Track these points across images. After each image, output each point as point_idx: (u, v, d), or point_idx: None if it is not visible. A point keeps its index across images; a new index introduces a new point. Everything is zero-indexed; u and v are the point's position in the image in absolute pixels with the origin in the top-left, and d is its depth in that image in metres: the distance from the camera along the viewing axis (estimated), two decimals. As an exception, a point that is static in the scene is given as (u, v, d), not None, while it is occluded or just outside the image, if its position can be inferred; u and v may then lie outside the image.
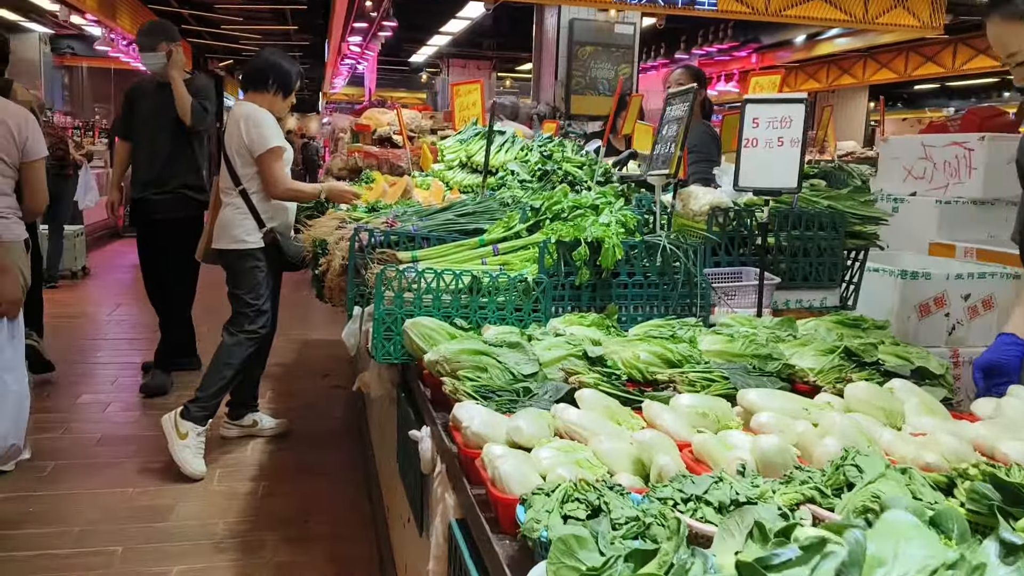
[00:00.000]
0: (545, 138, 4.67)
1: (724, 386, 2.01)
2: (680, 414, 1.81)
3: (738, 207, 2.93)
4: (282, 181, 4.36)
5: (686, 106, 2.69)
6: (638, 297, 2.67)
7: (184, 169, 5.47)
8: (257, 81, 4.45)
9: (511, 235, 2.83)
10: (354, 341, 2.68)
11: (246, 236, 4.37)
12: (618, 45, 12.27)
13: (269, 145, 4.25)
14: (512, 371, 2.09)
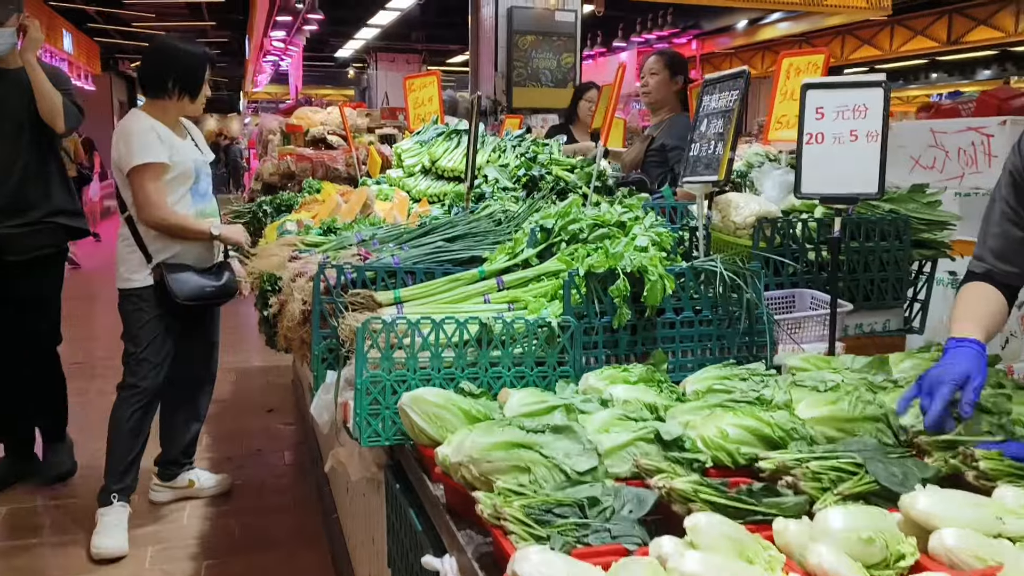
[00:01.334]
0: (515, 136, 4.07)
1: (864, 481, 1.45)
2: (834, 543, 1.25)
3: (790, 217, 2.39)
4: (155, 206, 3.57)
5: (735, 95, 2.14)
6: (687, 338, 2.10)
7: (49, 189, 4.02)
8: (154, 86, 3.67)
9: (518, 263, 2.24)
10: (328, 417, 2.05)
11: (130, 274, 3.66)
12: (559, 33, 11.72)
13: (135, 162, 3.52)
14: (564, 469, 1.51)
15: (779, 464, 1.52)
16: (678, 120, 4.38)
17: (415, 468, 1.82)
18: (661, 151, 4.28)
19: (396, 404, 1.86)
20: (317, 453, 4.42)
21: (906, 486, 1.44)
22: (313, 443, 4.59)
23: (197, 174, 3.77)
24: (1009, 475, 1.50)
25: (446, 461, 1.56)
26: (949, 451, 1.61)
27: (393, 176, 4.03)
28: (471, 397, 1.86)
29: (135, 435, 3.65)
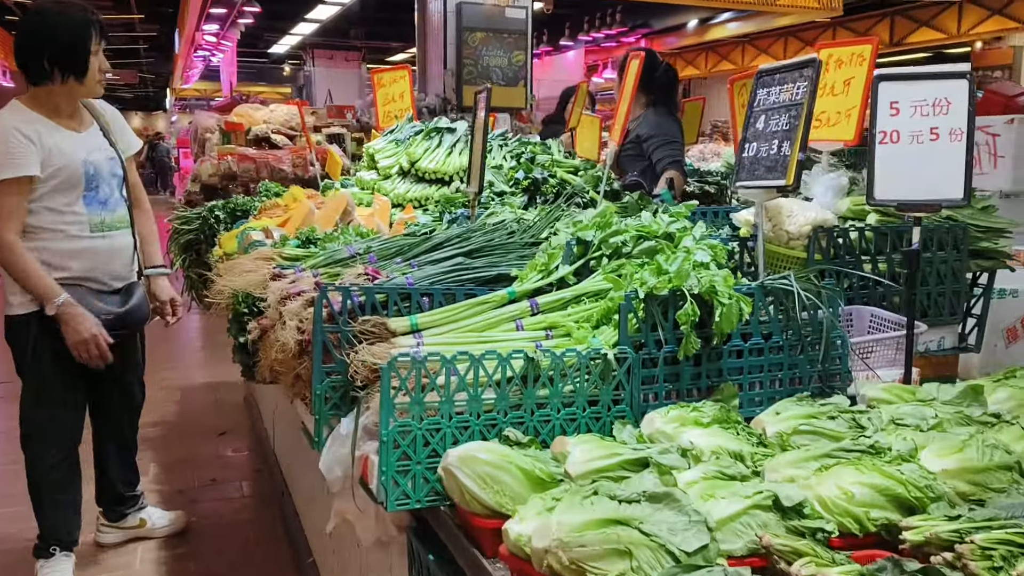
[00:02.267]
0: (498, 135, 3.76)
1: (1045, 556, 1.18)
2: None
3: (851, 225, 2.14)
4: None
5: (803, 87, 1.86)
6: (755, 368, 1.82)
7: None
8: (32, 70, 2.96)
9: (552, 283, 1.92)
10: (341, 473, 1.69)
11: (10, 297, 3.03)
12: (510, 31, 11.41)
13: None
14: (672, 550, 1.20)
15: (931, 536, 1.24)
16: (657, 110, 4.27)
17: (458, 538, 1.48)
18: (637, 142, 4.13)
19: (427, 458, 1.54)
20: (282, 482, 4.02)
21: None
22: (276, 471, 4.19)
23: (91, 177, 3.05)
24: None
25: (523, 543, 1.24)
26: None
27: (366, 178, 3.67)
28: (519, 447, 1.54)
29: (44, 477, 3.16)
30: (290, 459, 3.79)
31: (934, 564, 1.20)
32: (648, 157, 4.17)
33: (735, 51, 17.43)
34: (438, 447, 1.53)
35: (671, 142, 4.18)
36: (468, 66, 11.13)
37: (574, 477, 1.44)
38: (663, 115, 4.27)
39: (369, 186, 3.59)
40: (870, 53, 2.34)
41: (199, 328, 8.06)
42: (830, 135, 2.42)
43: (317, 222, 2.97)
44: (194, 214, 4.36)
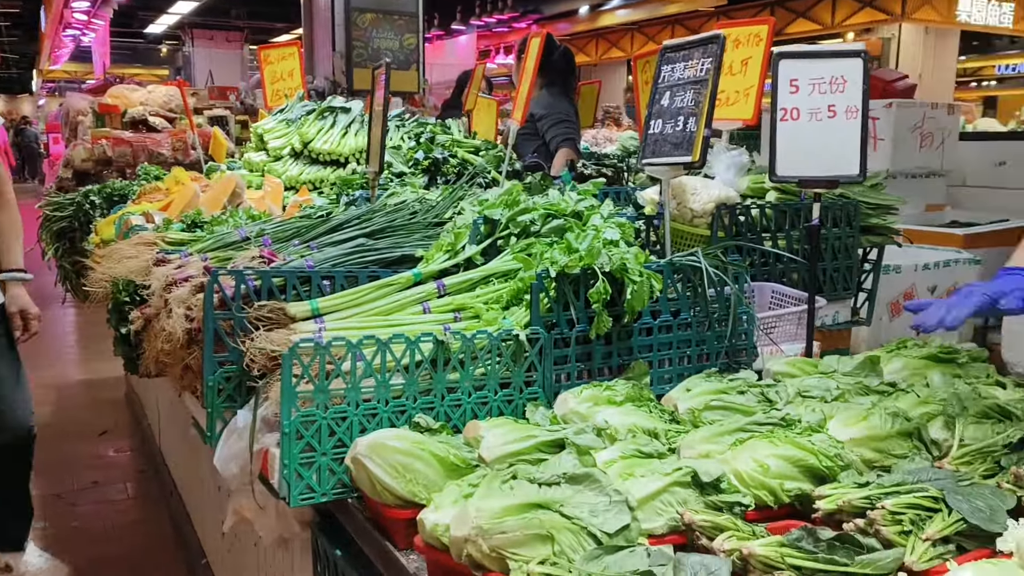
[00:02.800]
0: (396, 115, 3.65)
1: (952, 520, 1.21)
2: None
3: (753, 202, 2.16)
4: None
5: (707, 63, 1.86)
6: (665, 346, 1.81)
7: None
8: None
9: (459, 263, 1.86)
10: (238, 469, 1.58)
11: None
12: (400, 12, 11.22)
13: None
14: (593, 532, 1.16)
15: (845, 503, 1.25)
16: (551, 90, 4.28)
17: (368, 532, 1.41)
18: (531, 121, 4.12)
19: (333, 449, 1.45)
20: (170, 482, 3.81)
21: (996, 521, 1.22)
22: (163, 470, 3.97)
23: None
24: None
25: (439, 533, 1.18)
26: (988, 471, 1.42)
27: (255, 160, 3.49)
28: (430, 433, 1.48)
29: None
30: (178, 457, 3.60)
31: (847, 531, 1.21)
32: (542, 136, 4.18)
33: (624, 38, 17.71)
34: (344, 437, 1.45)
35: (564, 120, 4.20)
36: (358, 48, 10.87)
37: (489, 462, 1.39)
38: (556, 95, 4.29)
39: (259, 168, 3.42)
40: (766, 33, 2.37)
41: (75, 321, 7.59)
42: (730, 114, 2.45)
43: (203, 205, 2.80)
44: (67, 200, 4.07)
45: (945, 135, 4.04)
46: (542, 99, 4.23)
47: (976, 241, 3.52)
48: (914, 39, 13.69)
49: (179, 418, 3.11)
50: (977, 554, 1.17)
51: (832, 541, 1.15)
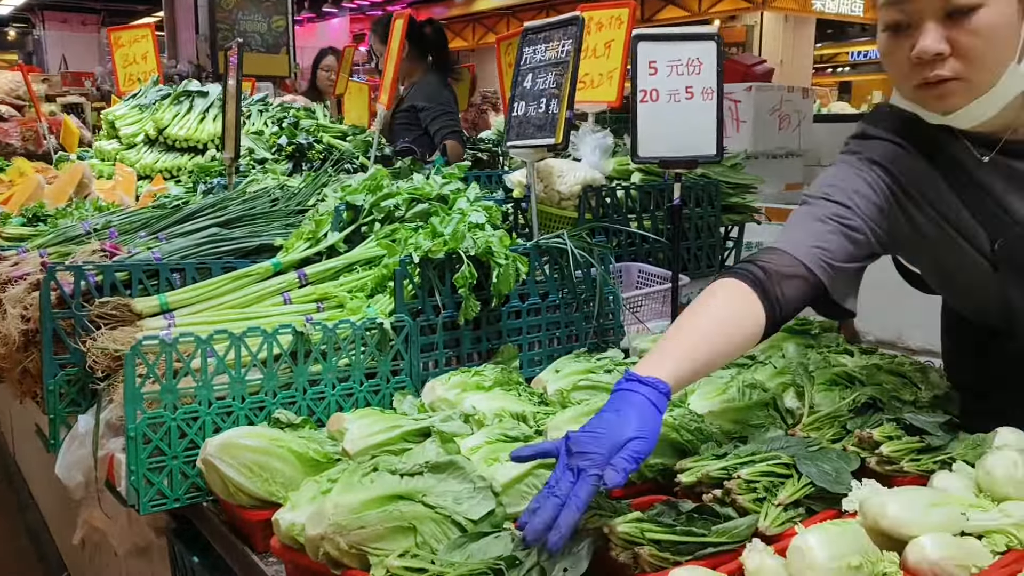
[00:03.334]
0: (257, 100, 3.51)
1: (801, 485, 1.25)
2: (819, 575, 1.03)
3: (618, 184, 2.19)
4: None
5: (567, 45, 1.86)
6: (534, 328, 1.81)
7: None
8: None
9: (322, 251, 1.79)
10: (83, 478, 1.48)
11: None
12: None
13: None
14: (458, 520, 1.14)
15: (703, 475, 1.28)
16: (429, 79, 4.20)
17: (225, 536, 1.34)
18: (412, 111, 4.05)
19: (184, 452, 1.37)
20: (25, 492, 3.56)
21: (841, 483, 1.27)
22: (17, 479, 3.70)
23: None
24: (909, 452, 1.39)
25: (296, 532, 1.13)
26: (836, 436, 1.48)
27: (107, 148, 3.29)
28: (291, 429, 1.42)
29: None
30: (32, 465, 3.36)
31: (706, 502, 1.24)
32: (424, 127, 4.10)
33: (500, 23, 17.75)
34: (197, 438, 1.37)
35: (447, 112, 4.13)
36: (223, 31, 10.45)
37: (353, 455, 1.35)
38: (437, 85, 4.22)
39: (110, 157, 3.22)
40: (627, 16, 2.40)
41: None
42: (594, 96, 2.47)
43: (47, 197, 2.60)
44: None
45: (801, 117, 4.24)
46: (423, 88, 4.15)
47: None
48: (775, 26, 14.34)
49: (28, 424, 2.90)
50: (824, 515, 1.22)
51: (691, 513, 1.18)
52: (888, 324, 3.07)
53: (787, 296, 1.32)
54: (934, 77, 1.22)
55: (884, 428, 1.41)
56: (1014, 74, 1.21)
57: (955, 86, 1.22)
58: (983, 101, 1.24)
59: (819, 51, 19.34)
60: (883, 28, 1.27)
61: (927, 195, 1.40)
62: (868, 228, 1.38)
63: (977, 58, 1.20)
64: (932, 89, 1.24)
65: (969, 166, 1.35)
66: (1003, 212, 1.35)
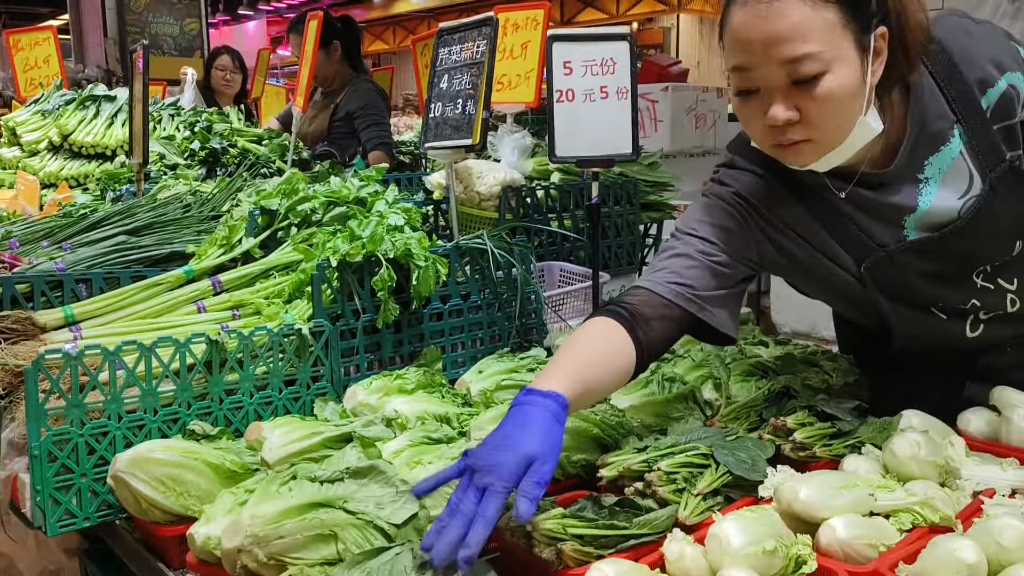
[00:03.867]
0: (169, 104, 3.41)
1: (719, 474, 1.28)
2: (742, 563, 1.05)
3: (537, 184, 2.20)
4: None
5: (482, 46, 1.86)
6: (456, 330, 1.81)
7: None
8: None
9: (236, 257, 1.75)
10: (-17, 502, 1.40)
11: None
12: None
13: None
14: (380, 525, 1.13)
15: (624, 469, 1.29)
16: (360, 84, 4.06)
17: (139, 553, 1.30)
18: (348, 119, 3.91)
19: (94, 468, 1.32)
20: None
21: (756, 470, 1.30)
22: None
23: None
24: (821, 438, 1.43)
25: (212, 546, 1.10)
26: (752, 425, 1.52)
27: (7, 156, 3.14)
28: (207, 440, 1.38)
29: None
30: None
31: (628, 495, 1.26)
32: (357, 133, 3.95)
33: (421, 25, 17.65)
34: (107, 454, 1.32)
35: (380, 123, 3.98)
36: (133, 34, 10.15)
37: (272, 464, 1.32)
38: (370, 90, 4.05)
39: (11, 165, 3.08)
40: (543, 17, 2.41)
41: None
42: (512, 97, 2.48)
43: (-58, 208, 2.47)
44: None
45: (716, 117, 4.34)
46: (357, 93, 3.96)
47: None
48: (691, 28, 14.66)
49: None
50: (742, 502, 1.24)
51: (613, 507, 1.20)
52: (803, 316, 3.18)
53: (651, 337, 1.34)
54: (787, 140, 1.25)
55: (797, 416, 1.45)
56: (862, 125, 1.25)
57: (807, 147, 1.26)
58: (836, 153, 1.27)
59: (734, 52, 19.83)
60: (735, 92, 1.29)
61: (792, 223, 1.43)
62: (734, 261, 1.42)
63: (824, 122, 1.23)
64: (786, 150, 1.27)
65: (830, 198, 1.40)
66: (866, 237, 1.40)
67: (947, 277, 1.42)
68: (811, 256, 1.45)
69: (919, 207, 1.37)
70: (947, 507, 1.18)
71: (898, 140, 1.34)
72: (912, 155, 1.35)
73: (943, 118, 1.33)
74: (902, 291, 1.43)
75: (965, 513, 1.20)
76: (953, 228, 1.36)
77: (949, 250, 1.38)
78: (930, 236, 1.38)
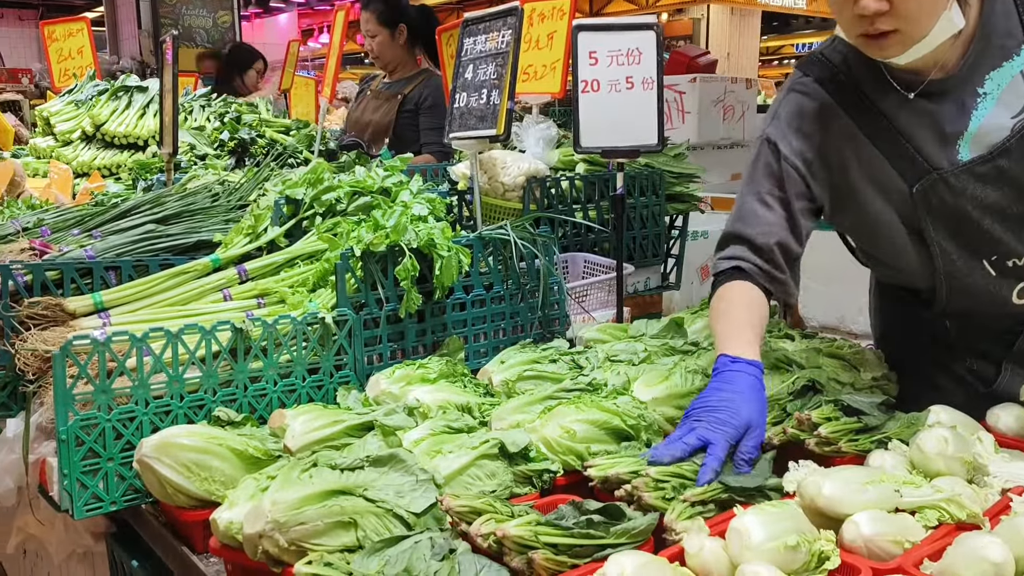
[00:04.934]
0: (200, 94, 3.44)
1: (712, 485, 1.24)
2: (764, 558, 1.04)
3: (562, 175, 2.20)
4: None
5: (507, 35, 1.85)
6: (479, 320, 1.81)
7: None
8: None
9: (262, 246, 1.77)
10: (13, 483, 1.43)
11: None
12: (213, -12, 10.68)
13: None
14: (400, 513, 1.14)
15: (611, 475, 1.26)
16: (434, 80, 3.63)
17: (165, 538, 1.32)
18: (416, 113, 3.60)
19: (121, 453, 1.34)
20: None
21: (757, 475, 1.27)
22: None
23: None
24: (847, 433, 1.41)
25: (235, 531, 1.11)
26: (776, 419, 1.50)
27: (41, 146, 3.19)
28: (232, 427, 1.39)
29: None
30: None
31: (617, 498, 1.22)
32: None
33: (450, 16, 17.65)
34: (133, 439, 1.34)
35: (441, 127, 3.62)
36: (167, 26, 10.26)
37: (294, 451, 1.33)
38: (439, 88, 3.52)
39: (46, 154, 3.13)
40: (569, 6, 2.40)
41: None
42: (537, 88, 2.47)
43: (-23, 197, 2.52)
44: None
45: (745, 108, 4.30)
46: (430, 89, 3.59)
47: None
48: (721, 19, 14.51)
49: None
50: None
51: (593, 514, 1.11)
52: (831, 310, 3.14)
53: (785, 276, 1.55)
54: (874, 31, 1.32)
55: (823, 410, 1.43)
56: (946, 19, 1.33)
57: (893, 38, 1.33)
58: (919, 46, 1.34)
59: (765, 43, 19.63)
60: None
61: (846, 152, 1.51)
62: (803, 205, 1.53)
63: (912, 14, 1.30)
64: (873, 41, 1.35)
65: (890, 113, 1.46)
66: (919, 157, 1.45)
67: (1003, 212, 1.44)
68: (862, 188, 1.51)
69: (972, 125, 1.41)
70: (974, 504, 1.16)
71: (964, 49, 1.40)
72: (976, 66, 1.41)
73: (1011, 36, 1.40)
74: (956, 225, 1.46)
75: (993, 511, 1.18)
76: (1005, 146, 1.39)
77: (1004, 175, 1.41)
78: (983, 155, 1.41)
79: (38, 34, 17.80)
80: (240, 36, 10.60)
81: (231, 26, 10.48)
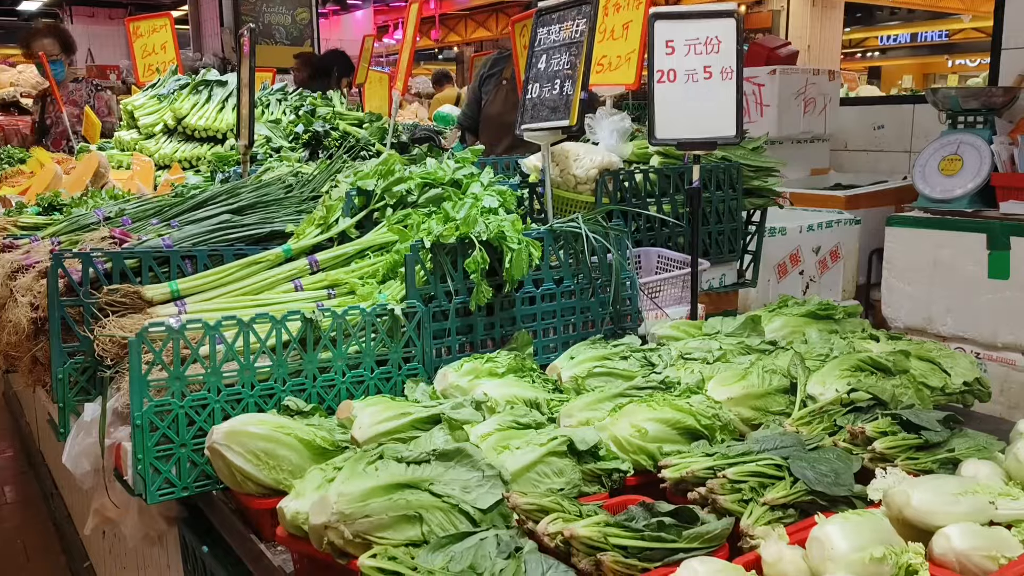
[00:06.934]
0: (277, 90, 3.49)
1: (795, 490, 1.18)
2: (843, 567, 0.98)
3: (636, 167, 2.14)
4: None
5: (581, 25, 1.81)
6: (549, 314, 1.77)
7: None
8: None
9: (333, 237, 1.77)
10: (91, 467, 1.47)
11: None
12: (292, -15, 10.89)
13: None
14: (466, 509, 1.11)
15: (687, 473, 1.21)
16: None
17: (234, 524, 1.33)
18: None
19: (193, 439, 1.36)
20: (50, 483, 3.60)
21: (841, 484, 1.20)
22: (43, 471, 3.74)
23: None
24: (905, 450, 1.31)
25: (301, 521, 1.10)
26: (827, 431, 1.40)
27: (125, 138, 3.29)
28: (301, 416, 1.40)
29: None
30: (55, 455, 3.39)
31: (691, 500, 1.17)
32: None
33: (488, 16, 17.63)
34: (206, 425, 1.35)
35: None
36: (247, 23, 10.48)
37: (361, 443, 1.32)
38: None
39: (129, 147, 3.22)
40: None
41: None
42: (612, 79, 2.42)
43: (65, 187, 2.61)
44: (-82, 186, 3.75)
45: (827, 100, 4.15)
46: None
47: (856, 202, 3.63)
48: (802, 10, 14.08)
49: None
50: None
51: (664, 517, 1.07)
52: (916, 310, 3.00)
53: None
54: None
55: (878, 423, 1.34)
56: None
57: None
58: None
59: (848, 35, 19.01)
60: None
61: None
62: None
63: None
64: None
65: None
66: None
67: None
68: None
69: None
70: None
71: None
72: None
73: None
74: None
75: (1099, 528, 1.09)
76: None
77: None
78: None
79: (124, 31, 18.48)
80: (317, 33, 10.79)
81: (309, 23, 10.67)
